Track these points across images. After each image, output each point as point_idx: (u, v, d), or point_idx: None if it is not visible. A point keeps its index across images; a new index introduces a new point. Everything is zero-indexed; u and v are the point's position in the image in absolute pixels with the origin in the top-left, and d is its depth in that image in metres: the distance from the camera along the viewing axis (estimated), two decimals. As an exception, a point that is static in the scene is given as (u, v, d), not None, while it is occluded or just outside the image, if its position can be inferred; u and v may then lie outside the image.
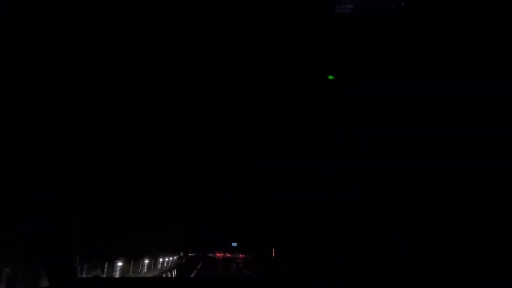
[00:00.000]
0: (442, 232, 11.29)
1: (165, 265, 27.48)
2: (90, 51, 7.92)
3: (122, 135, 11.78)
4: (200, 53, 10.22)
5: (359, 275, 15.56)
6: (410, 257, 12.91)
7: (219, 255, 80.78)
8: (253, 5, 8.48)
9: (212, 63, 10.67)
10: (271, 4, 8.43)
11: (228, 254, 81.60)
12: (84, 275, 10.05)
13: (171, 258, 31.37)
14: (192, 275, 22.73)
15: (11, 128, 5.85)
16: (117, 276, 14.85)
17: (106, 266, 13.16)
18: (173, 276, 24.41)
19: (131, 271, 17.05)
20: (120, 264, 14.51)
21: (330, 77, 10.68)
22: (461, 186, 10.23)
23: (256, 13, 8.68)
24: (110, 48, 8.57)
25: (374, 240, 15.83)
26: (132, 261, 17.42)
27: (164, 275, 23.42)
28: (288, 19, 8.77)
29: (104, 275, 13.38)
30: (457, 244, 10.45)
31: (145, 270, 19.84)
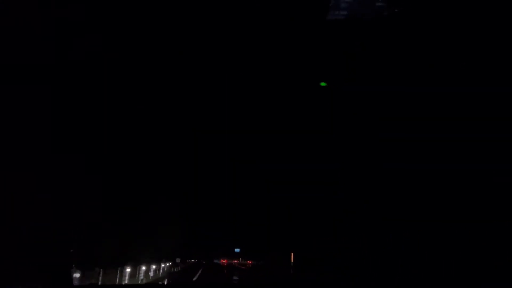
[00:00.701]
0: (442, 232, 11.29)
1: (140, 276, 19.21)
2: (90, 51, 7.92)
3: (122, 135, 11.77)
4: (200, 53, 10.21)
5: (359, 275, 15.55)
6: (409, 257, 12.91)
7: (223, 261, 76.18)
8: (253, 6, 8.48)
9: (212, 63, 10.67)
10: (272, 6, 8.43)
11: (235, 260, 76.85)
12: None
13: (153, 266, 23.58)
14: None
15: (10, 128, 5.84)
16: (111, 283, 14.23)
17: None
18: (169, 283, 22.13)
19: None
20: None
21: (323, 83, 10.72)
22: (461, 186, 10.23)
23: (256, 15, 8.68)
24: (110, 48, 8.57)
25: (373, 239, 15.83)
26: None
27: None
28: (287, 21, 8.77)
29: None
30: (457, 244, 10.45)
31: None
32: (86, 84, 8.28)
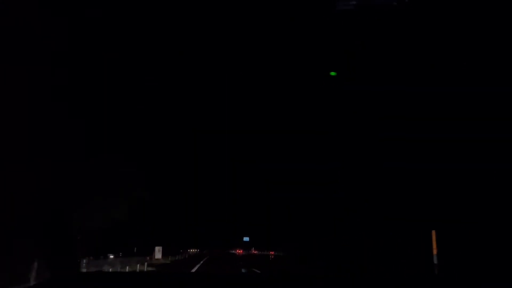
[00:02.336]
0: (441, 231, 11.29)
1: None
2: (90, 50, 7.92)
3: (122, 135, 11.77)
4: (200, 53, 10.20)
5: (359, 274, 15.57)
6: (409, 256, 12.92)
7: (239, 251, 70.22)
8: (253, 4, 8.45)
9: (212, 63, 10.66)
10: (272, 3, 8.38)
11: (254, 251, 72.16)
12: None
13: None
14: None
15: (11, 127, 5.85)
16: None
17: None
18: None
19: None
20: None
21: (332, 73, 10.60)
22: (461, 186, 10.23)
23: (256, 12, 8.66)
24: (110, 48, 8.56)
25: (373, 238, 15.84)
26: None
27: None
28: (288, 18, 8.72)
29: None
30: (457, 244, 10.46)
31: None
32: (86, 84, 8.27)
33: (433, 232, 10.90)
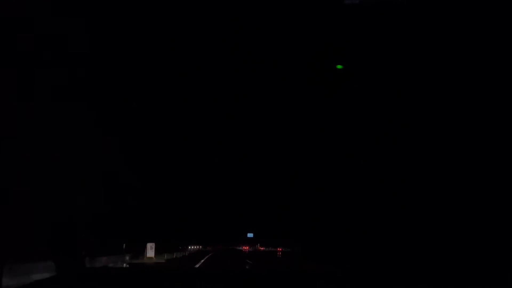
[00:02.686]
0: (442, 232, 11.29)
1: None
2: (90, 50, 7.93)
3: (122, 135, 11.79)
4: (200, 53, 10.19)
5: (359, 274, 15.54)
6: (409, 256, 12.90)
7: (245, 248, 68.39)
8: (254, 2, 8.40)
9: (212, 63, 10.65)
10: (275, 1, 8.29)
11: (261, 247, 68.33)
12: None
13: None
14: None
15: (13, 127, 5.86)
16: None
17: None
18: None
19: None
20: None
21: (339, 66, 10.47)
22: (460, 185, 10.23)
23: (258, 10, 8.63)
24: (110, 48, 8.57)
25: (373, 239, 15.83)
26: None
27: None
28: (290, 15, 8.65)
29: None
30: (457, 244, 10.45)
31: None
32: (85, 84, 8.29)
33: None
